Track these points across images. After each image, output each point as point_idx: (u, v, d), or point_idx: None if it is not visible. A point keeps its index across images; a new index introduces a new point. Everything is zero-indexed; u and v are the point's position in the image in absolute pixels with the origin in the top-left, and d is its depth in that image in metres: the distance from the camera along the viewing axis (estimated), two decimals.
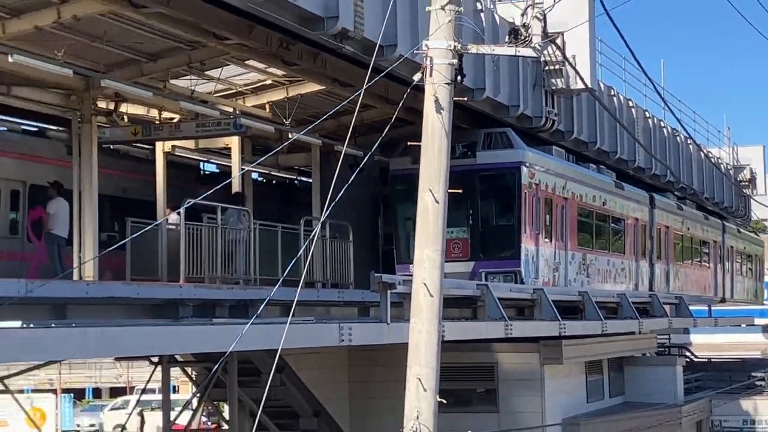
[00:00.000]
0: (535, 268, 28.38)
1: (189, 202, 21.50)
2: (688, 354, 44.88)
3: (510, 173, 26.06)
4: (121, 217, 24.63)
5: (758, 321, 65.20)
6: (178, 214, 23.09)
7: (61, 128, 26.36)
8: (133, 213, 24.33)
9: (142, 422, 50.35)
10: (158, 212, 25.51)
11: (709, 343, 55.75)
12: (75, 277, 21.08)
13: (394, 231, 28.33)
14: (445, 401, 14.49)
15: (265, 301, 16.27)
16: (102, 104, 24.15)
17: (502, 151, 25.98)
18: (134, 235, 20.86)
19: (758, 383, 41.14)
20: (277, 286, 16.49)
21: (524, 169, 26.52)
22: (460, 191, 22.32)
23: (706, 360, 48.63)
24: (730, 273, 51.02)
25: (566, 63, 27.88)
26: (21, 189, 24.27)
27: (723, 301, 49.69)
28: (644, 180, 39.48)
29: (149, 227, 22.00)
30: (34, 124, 27.25)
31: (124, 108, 25.12)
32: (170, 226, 23.45)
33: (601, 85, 33.06)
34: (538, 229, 28.49)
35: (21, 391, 25.56)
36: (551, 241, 29.96)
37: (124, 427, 45.45)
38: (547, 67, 28.36)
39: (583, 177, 32.30)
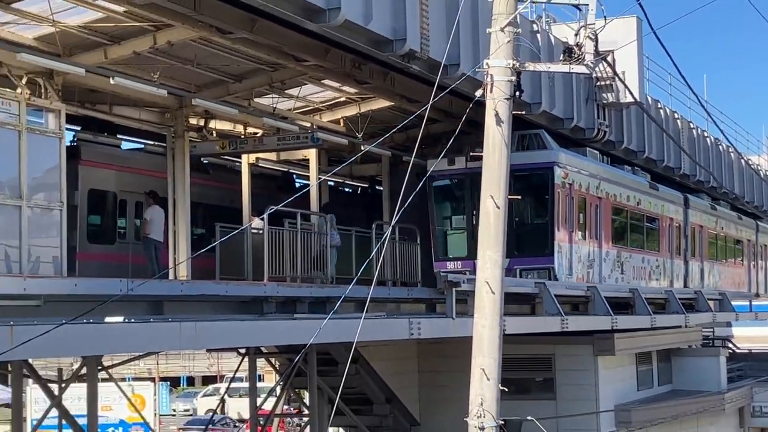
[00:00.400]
0: (569, 265, 27.00)
1: (272, 208, 21.71)
2: (730, 345, 44.32)
3: (543, 173, 25.13)
4: (211, 222, 24.96)
5: None
6: (262, 219, 23.35)
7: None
8: (222, 219, 24.62)
9: (222, 407, 50.85)
10: (244, 218, 25.74)
11: (749, 336, 54.95)
12: (170, 276, 21.37)
13: (432, 230, 27.20)
14: (506, 389, 14.49)
15: (342, 298, 16.40)
16: (193, 121, 24.38)
17: (535, 152, 25.11)
18: (223, 239, 21.14)
19: None
20: (351, 285, 16.59)
21: (557, 169, 25.37)
22: (519, 198, 22.11)
23: (747, 351, 48.00)
24: (764, 269, 49.84)
25: (616, 78, 27.79)
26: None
27: (757, 296, 47.96)
28: (689, 185, 39.05)
29: (236, 232, 22.30)
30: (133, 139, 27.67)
31: (212, 124, 25.33)
32: (255, 231, 23.72)
33: (649, 99, 32.86)
34: (571, 227, 27.14)
35: (123, 380, 25.88)
36: (585, 239, 28.50)
37: (214, 412, 46.10)
38: (598, 83, 28.19)
39: (617, 177, 30.94)
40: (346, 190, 37.85)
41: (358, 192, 37.67)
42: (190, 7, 17.56)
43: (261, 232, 23.55)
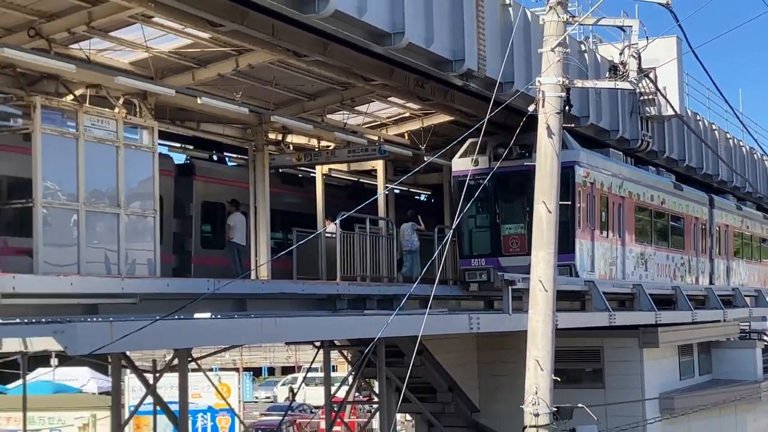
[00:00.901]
0: (591, 261, 24.96)
1: (344, 214, 21.78)
2: (766, 338, 43.89)
3: (564, 172, 22.63)
4: (289, 227, 25.11)
5: None
6: (335, 224, 23.45)
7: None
8: (299, 224, 24.74)
9: (293, 396, 51.08)
10: (318, 223, 25.84)
11: None
12: (252, 277, 21.50)
13: (457, 228, 24.22)
14: (558, 379, 14.48)
15: (407, 296, 16.37)
16: (272, 136, 24.50)
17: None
18: (300, 243, 21.23)
19: None
20: (416, 283, 16.58)
21: (578, 168, 23.69)
22: (569, 203, 22.27)
23: None
24: None
25: (658, 93, 27.63)
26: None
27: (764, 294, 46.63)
28: (725, 190, 38.68)
29: (312, 236, 22.38)
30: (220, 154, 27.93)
31: (289, 138, 25.44)
32: (328, 235, 23.80)
33: (688, 112, 32.60)
34: (593, 225, 25.20)
35: (210, 370, 26.13)
36: (607, 236, 26.50)
37: (292, 399, 46.28)
38: (641, 97, 28.04)
39: (640, 177, 28.94)
40: (417, 197, 37.88)
41: (422, 198, 37.69)
42: (269, 33, 17.67)
43: (334, 236, 23.66)
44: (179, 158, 26.67)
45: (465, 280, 23.82)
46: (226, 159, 28.32)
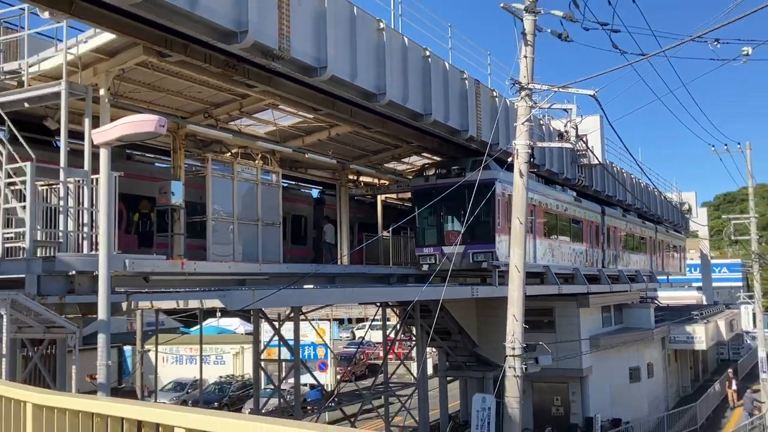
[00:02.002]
0: (507, 249, 21.23)
1: (394, 225, 21.85)
2: (656, 302, 43.32)
3: (487, 186, 20.64)
4: (361, 233, 25.16)
5: (694, 284, 63.12)
6: (389, 231, 23.51)
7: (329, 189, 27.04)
8: (367, 230, 24.80)
9: (355, 335, 51.08)
10: (379, 230, 25.86)
11: (668, 296, 53.97)
12: (339, 263, 21.56)
13: (416, 227, 22.71)
14: (527, 327, 14.47)
15: (432, 275, 16.38)
16: (351, 177, 24.64)
17: (483, 171, 20.33)
18: (367, 242, 21.30)
19: (694, 317, 39.70)
20: (438, 267, 16.56)
21: (498, 184, 21.22)
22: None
23: (666, 305, 47.07)
24: (661, 255, 44.76)
25: (588, 150, 27.41)
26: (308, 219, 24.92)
27: (654, 274, 43.13)
28: (630, 209, 38.18)
29: (374, 238, 22.44)
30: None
31: (361, 178, 25.56)
32: (385, 236, 23.90)
33: (607, 161, 32.28)
34: (510, 224, 23.23)
35: (312, 320, 26.33)
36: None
37: (362, 338, 46.17)
38: (578, 152, 27.83)
39: (548, 192, 26.05)
40: None
41: None
42: (349, 114, 17.71)
43: (388, 238, 23.70)
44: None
45: (419, 262, 21.93)
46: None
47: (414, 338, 25.03)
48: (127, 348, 35.81)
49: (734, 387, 36.86)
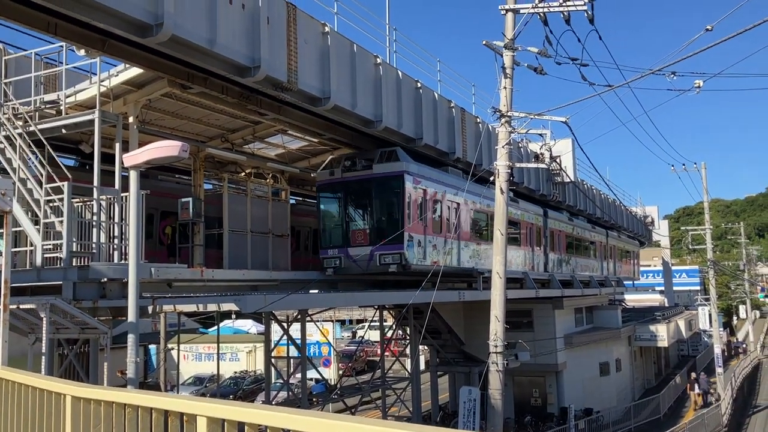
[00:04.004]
0: (423, 251, 17.86)
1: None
2: (623, 304, 43.35)
3: (396, 180, 17.04)
4: None
5: (657, 288, 63.13)
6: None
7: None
8: None
9: (355, 335, 50.85)
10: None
11: (634, 299, 54.04)
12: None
13: (320, 226, 18.34)
14: (508, 327, 14.41)
15: (425, 281, 16.35)
16: None
17: (391, 164, 17.17)
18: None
19: (657, 317, 39.72)
20: (429, 275, 16.34)
21: (407, 177, 17.18)
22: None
23: (632, 307, 47.09)
24: (613, 261, 39.90)
25: (561, 170, 27.53)
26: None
27: (607, 279, 38.34)
28: (600, 224, 38.23)
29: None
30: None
31: None
32: None
33: (578, 179, 32.44)
34: (425, 222, 18.03)
35: (317, 321, 26.20)
36: (441, 232, 18.87)
37: (362, 337, 45.96)
38: (553, 171, 27.97)
39: (478, 190, 20.62)
40: None
41: None
42: (350, 138, 17.79)
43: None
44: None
45: (324, 266, 17.98)
46: None
47: (408, 337, 24.98)
48: (152, 346, 35.66)
49: (697, 390, 35.13)
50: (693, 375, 36.48)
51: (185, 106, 14.97)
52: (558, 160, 25.08)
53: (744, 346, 59.96)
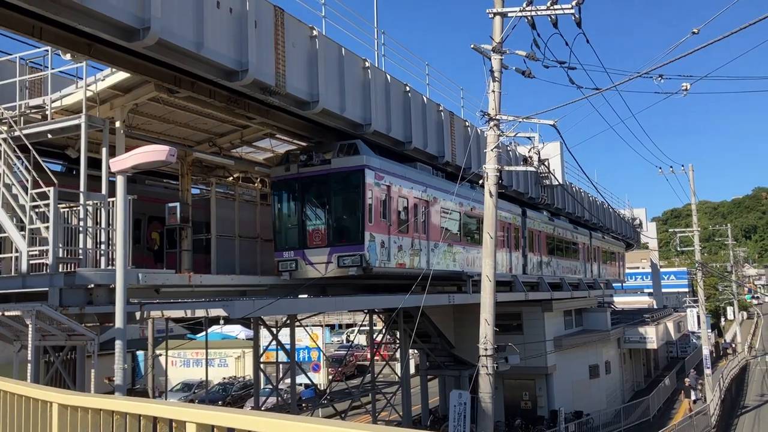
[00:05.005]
0: (387, 252, 16.53)
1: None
2: (612, 306, 43.54)
3: (356, 175, 15.90)
4: None
5: (646, 290, 63.50)
6: None
7: None
8: None
9: (348, 339, 50.88)
10: None
11: (623, 301, 54.31)
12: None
13: (274, 225, 16.96)
14: (497, 330, 14.45)
15: (415, 284, 16.36)
16: None
17: (350, 158, 15.99)
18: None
19: (646, 319, 39.91)
20: (419, 279, 16.21)
21: (368, 172, 15.89)
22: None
23: (621, 309, 47.30)
24: (597, 262, 38.69)
25: (550, 173, 27.67)
26: None
27: (596, 281, 37.62)
28: (593, 227, 38.42)
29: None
30: None
31: None
32: None
33: (567, 182, 32.60)
34: (388, 221, 16.66)
35: (306, 326, 26.12)
36: (408, 232, 17.55)
37: (352, 341, 45.91)
38: (541, 174, 28.08)
39: (448, 187, 19.49)
40: None
41: None
42: (338, 142, 17.81)
43: None
44: None
45: (278, 269, 16.49)
46: None
47: (398, 341, 24.97)
48: (140, 353, 35.47)
49: (693, 397, 34.67)
50: (687, 381, 36.41)
51: (172, 110, 14.91)
52: (546, 163, 25.19)
53: (732, 346, 60.44)
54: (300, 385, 28.25)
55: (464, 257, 21.01)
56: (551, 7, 13.59)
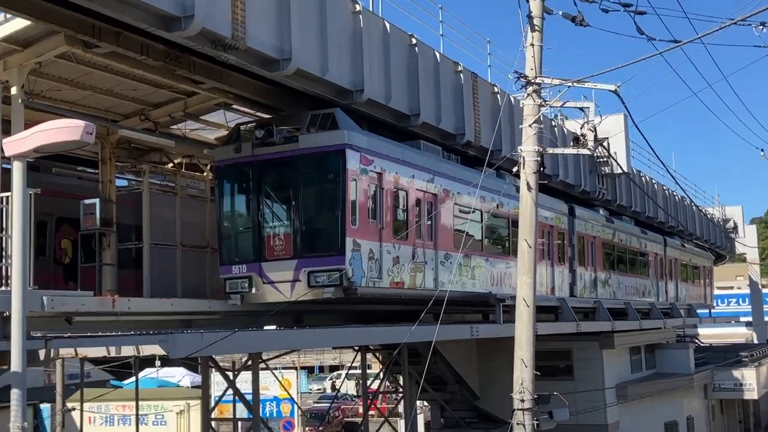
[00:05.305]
0: (377, 266, 15.87)
1: None
2: (696, 341, 43.55)
3: (333, 157, 15.06)
4: None
5: (743, 319, 63.59)
6: None
7: None
8: None
9: (334, 388, 51.10)
10: None
11: (710, 333, 54.36)
12: None
13: (219, 229, 16.43)
14: (538, 373, 14.43)
15: (424, 311, 16.36)
16: None
17: (325, 133, 15.13)
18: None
19: (743, 359, 39.95)
20: (430, 303, 16.22)
21: (351, 153, 15.06)
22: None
23: (708, 345, 47.39)
24: (673, 280, 37.93)
25: (610, 157, 27.69)
26: None
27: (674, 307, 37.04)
28: (673, 232, 38.37)
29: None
30: None
31: None
32: None
33: (634, 170, 32.61)
34: (381, 222, 16.08)
35: (275, 368, 26.07)
36: (408, 237, 16.95)
37: (337, 390, 46.03)
38: (598, 160, 28.01)
39: (469, 177, 18.95)
40: None
41: None
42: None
43: None
44: None
45: (225, 290, 15.81)
46: None
47: (401, 390, 24.95)
48: (45, 406, 35.42)
49: None
50: None
51: (90, 71, 14.91)
52: (606, 144, 25.16)
53: None
54: None
55: (488, 273, 20.59)
56: None
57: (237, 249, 16.11)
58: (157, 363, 43.46)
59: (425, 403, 32.86)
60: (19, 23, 12.49)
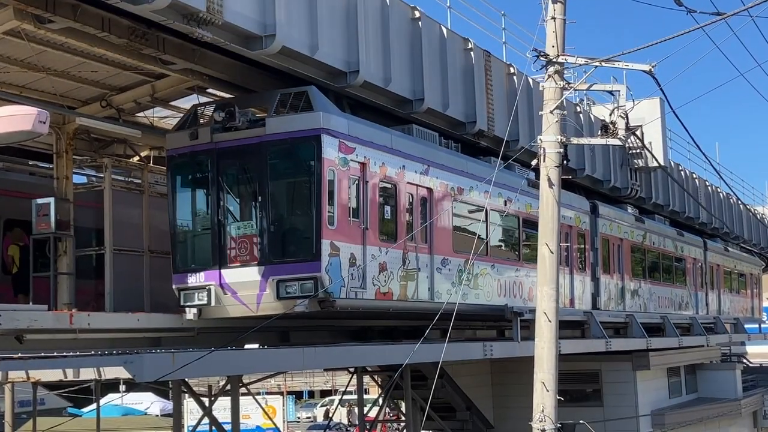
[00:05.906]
0: (360, 274, 15.40)
1: None
2: (744, 360, 43.54)
3: (307, 144, 14.61)
4: None
5: None
6: None
7: None
8: None
9: (328, 417, 51.12)
10: None
11: (761, 352, 54.30)
12: None
13: (172, 230, 15.89)
14: (562, 398, 14.40)
15: (430, 327, 16.33)
16: None
17: (297, 116, 14.71)
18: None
19: None
20: (436, 318, 16.16)
21: (328, 140, 14.58)
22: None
23: (758, 365, 47.37)
24: (716, 290, 37.72)
25: (644, 148, 27.69)
26: None
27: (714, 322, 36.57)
28: (715, 235, 38.26)
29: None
30: None
31: None
32: None
33: (672, 163, 32.63)
34: (364, 222, 15.60)
35: (258, 393, 26.07)
36: (397, 240, 16.46)
37: (330, 419, 46.08)
38: (630, 151, 28.02)
39: (472, 169, 19.01)
40: None
41: None
42: None
43: None
44: None
45: (180, 303, 15.53)
46: None
47: (403, 418, 24.92)
48: None
49: None
50: None
51: (43, 50, 14.91)
52: (639, 133, 25.15)
53: None
54: None
55: (494, 282, 20.35)
56: None
57: (193, 254, 15.94)
58: (122, 388, 43.49)
59: None
60: None
